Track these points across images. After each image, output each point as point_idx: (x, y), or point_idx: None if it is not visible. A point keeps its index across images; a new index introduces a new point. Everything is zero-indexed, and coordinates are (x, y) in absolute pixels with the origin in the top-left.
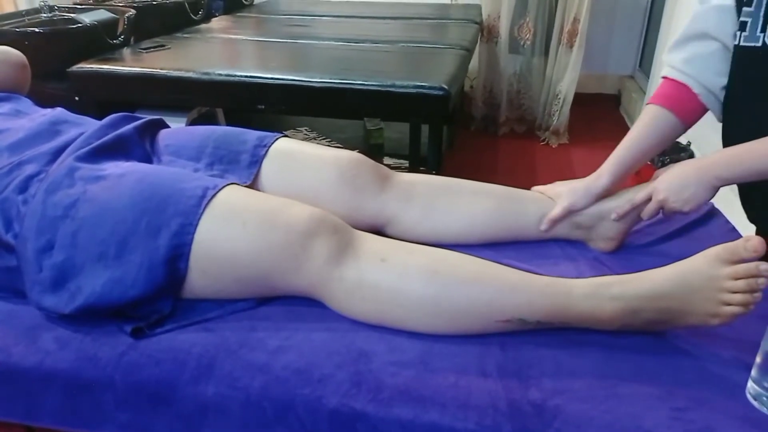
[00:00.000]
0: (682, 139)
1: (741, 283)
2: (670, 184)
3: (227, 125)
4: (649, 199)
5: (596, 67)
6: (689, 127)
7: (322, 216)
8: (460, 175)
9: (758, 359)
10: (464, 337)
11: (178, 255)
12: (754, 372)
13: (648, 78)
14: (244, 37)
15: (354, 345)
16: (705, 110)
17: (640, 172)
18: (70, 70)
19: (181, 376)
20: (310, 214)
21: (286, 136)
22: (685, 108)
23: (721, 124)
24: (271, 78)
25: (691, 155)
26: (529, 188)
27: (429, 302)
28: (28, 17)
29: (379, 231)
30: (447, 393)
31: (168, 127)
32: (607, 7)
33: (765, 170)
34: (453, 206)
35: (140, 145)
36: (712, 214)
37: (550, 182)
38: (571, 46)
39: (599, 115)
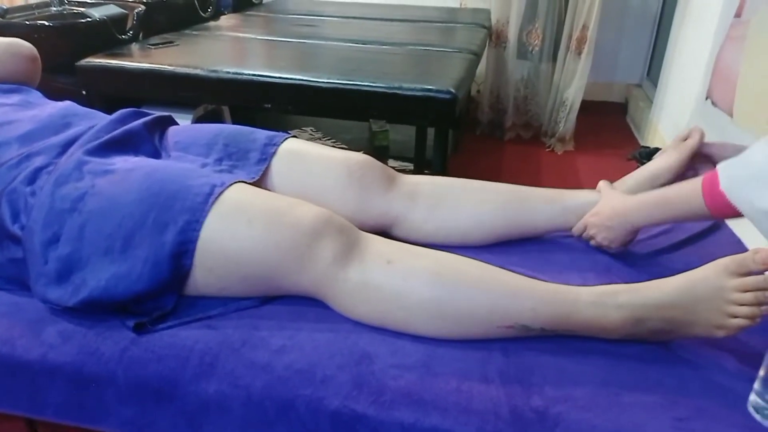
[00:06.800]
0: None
1: (748, 296)
2: (601, 225)
3: (233, 123)
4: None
5: (604, 75)
6: None
7: (329, 216)
8: None
9: (762, 372)
10: (467, 341)
11: (183, 251)
12: (757, 385)
13: (656, 87)
14: (253, 36)
15: (357, 346)
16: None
17: None
18: (77, 64)
19: (183, 373)
20: (317, 215)
21: (295, 136)
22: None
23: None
24: (279, 77)
25: None
26: None
27: (432, 306)
28: (38, 10)
29: (385, 231)
30: (449, 398)
31: (177, 124)
32: (617, 16)
33: (676, 217)
34: (459, 205)
35: (149, 141)
36: (718, 225)
37: (554, 188)
38: (580, 54)
39: (606, 124)
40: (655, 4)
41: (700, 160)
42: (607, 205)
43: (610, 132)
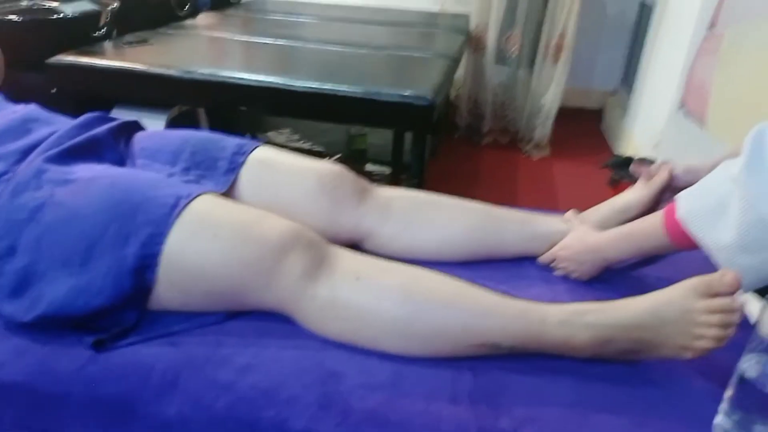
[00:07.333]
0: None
1: (715, 318)
2: (571, 259)
3: (209, 125)
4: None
5: (580, 82)
6: None
7: (298, 230)
8: (442, 184)
9: (728, 393)
10: (436, 360)
11: (146, 265)
12: (723, 405)
13: (630, 95)
14: (230, 36)
15: (324, 365)
16: None
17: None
18: (48, 61)
19: (143, 393)
20: (285, 229)
21: (267, 143)
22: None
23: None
24: (255, 79)
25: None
26: (508, 200)
27: (402, 323)
28: (7, 4)
29: (356, 245)
30: (417, 419)
31: (143, 130)
32: (594, 24)
33: (646, 249)
34: (431, 222)
35: (114, 148)
36: None
37: (529, 194)
38: (557, 60)
39: (581, 130)
40: (632, 13)
41: (670, 193)
42: (577, 238)
43: (585, 139)
